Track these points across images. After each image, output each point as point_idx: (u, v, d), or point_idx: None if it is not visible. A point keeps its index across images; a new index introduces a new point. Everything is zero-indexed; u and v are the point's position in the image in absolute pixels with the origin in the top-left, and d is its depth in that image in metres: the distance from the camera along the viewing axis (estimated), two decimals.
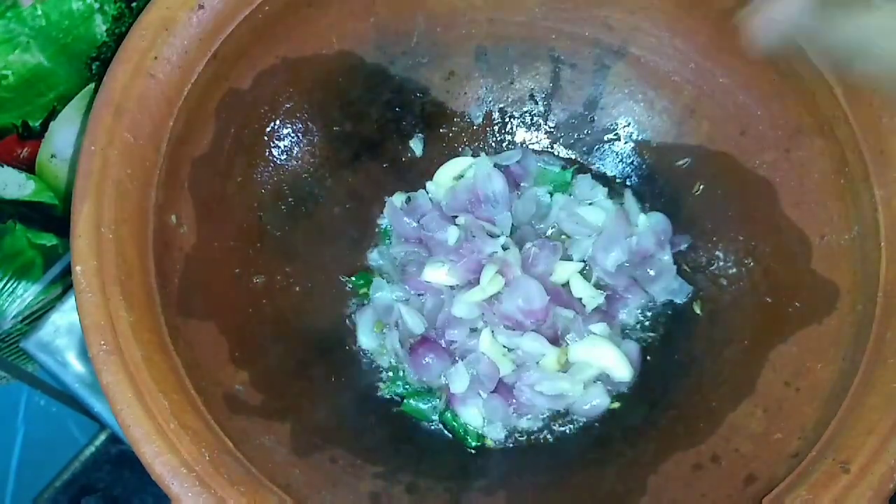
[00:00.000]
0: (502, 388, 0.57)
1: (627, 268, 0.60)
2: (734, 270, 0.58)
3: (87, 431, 0.94)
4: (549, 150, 0.66)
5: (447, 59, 0.62)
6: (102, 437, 0.85)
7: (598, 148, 0.65)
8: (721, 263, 0.59)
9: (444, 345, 0.58)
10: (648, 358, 0.59)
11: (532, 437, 0.57)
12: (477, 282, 0.57)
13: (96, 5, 0.59)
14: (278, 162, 0.59)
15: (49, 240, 0.72)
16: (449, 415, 0.57)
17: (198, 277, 0.50)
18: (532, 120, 0.65)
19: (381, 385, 0.59)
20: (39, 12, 0.56)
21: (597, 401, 0.57)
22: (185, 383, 0.43)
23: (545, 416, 0.57)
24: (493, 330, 0.57)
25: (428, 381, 0.58)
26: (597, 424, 0.57)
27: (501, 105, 0.65)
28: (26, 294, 0.74)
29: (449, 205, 0.62)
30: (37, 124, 0.64)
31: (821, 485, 0.41)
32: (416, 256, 0.61)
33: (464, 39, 0.61)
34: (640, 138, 0.63)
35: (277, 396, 0.52)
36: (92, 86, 0.64)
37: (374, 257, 0.63)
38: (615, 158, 0.64)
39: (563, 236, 0.63)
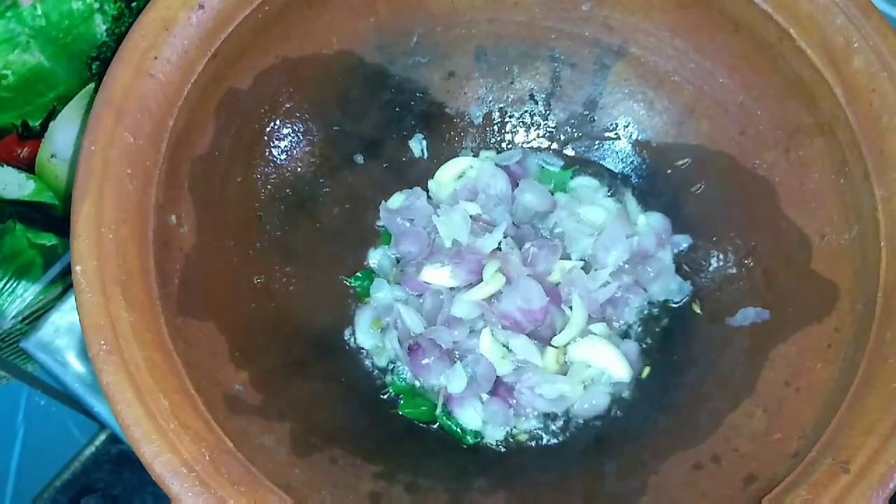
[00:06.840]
0: (502, 389, 0.57)
1: (627, 267, 0.60)
2: (734, 270, 0.58)
3: (87, 431, 0.94)
4: (549, 149, 0.66)
5: (447, 59, 0.62)
6: (102, 437, 0.85)
7: (598, 147, 0.65)
8: (721, 263, 0.59)
9: (442, 345, 0.58)
10: (648, 358, 0.59)
11: (532, 436, 0.57)
12: (477, 283, 0.57)
13: (96, 5, 0.59)
14: (278, 162, 0.59)
15: (49, 240, 0.72)
16: (445, 416, 0.57)
17: (198, 277, 0.50)
18: (532, 120, 0.65)
19: (381, 385, 0.59)
20: (39, 12, 0.56)
21: (596, 401, 0.57)
22: (185, 383, 0.43)
23: (545, 416, 0.57)
24: (492, 330, 0.57)
25: (426, 382, 0.58)
26: (597, 424, 0.57)
27: (501, 105, 0.65)
28: (26, 294, 0.74)
29: (449, 205, 0.62)
30: (37, 124, 0.64)
31: (821, 485, 0.41)
32: (415, 257, 0.61)
33: (464, 39, 0.61)
34: (640, 138, 0.63)
35: (277, 396, 0.52)
36: (92, 86, 0.64)
37: (374, 257, 0.63)
38: (615, 158, 0.64)
39: (559, 232, 0.62)
